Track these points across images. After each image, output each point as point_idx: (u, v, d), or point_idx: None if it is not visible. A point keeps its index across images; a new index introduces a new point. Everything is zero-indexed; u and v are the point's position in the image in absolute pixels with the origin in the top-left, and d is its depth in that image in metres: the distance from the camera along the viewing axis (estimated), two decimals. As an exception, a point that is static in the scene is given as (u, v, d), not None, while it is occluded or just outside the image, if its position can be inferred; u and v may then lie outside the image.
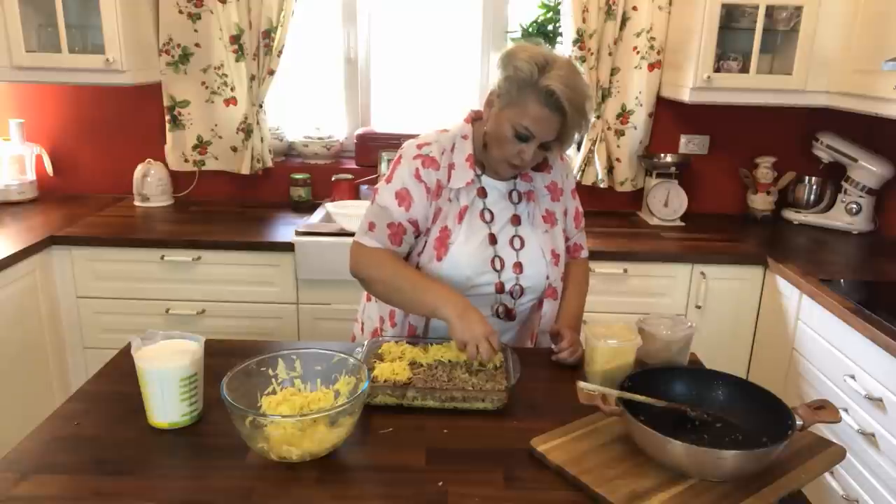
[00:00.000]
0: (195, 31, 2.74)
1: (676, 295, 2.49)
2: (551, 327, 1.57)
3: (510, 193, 1.55)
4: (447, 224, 1.49)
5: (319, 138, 2.97)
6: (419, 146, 1.51)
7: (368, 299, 1.70)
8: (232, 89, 2.80)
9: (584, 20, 2.66)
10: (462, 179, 1.49)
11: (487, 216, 1.52)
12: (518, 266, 1.53)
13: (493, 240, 1.52)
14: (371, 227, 1.49)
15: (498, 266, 1.52)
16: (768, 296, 2.43)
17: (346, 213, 2.38)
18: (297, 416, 1.13)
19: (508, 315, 1.56)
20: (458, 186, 1.49)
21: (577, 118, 1.38)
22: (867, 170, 2.67)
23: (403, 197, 1.48)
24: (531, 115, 1.37)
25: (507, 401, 1.28)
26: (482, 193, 1.52)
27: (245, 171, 2.83)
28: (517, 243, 1.54)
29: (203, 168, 2.90)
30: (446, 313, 1.34)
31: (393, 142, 2.75)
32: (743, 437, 1.16)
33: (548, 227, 1.57)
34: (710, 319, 2.48)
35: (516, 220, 1.54)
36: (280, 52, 2.71)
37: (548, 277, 1.57)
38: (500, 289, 1.53)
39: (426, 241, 1.51)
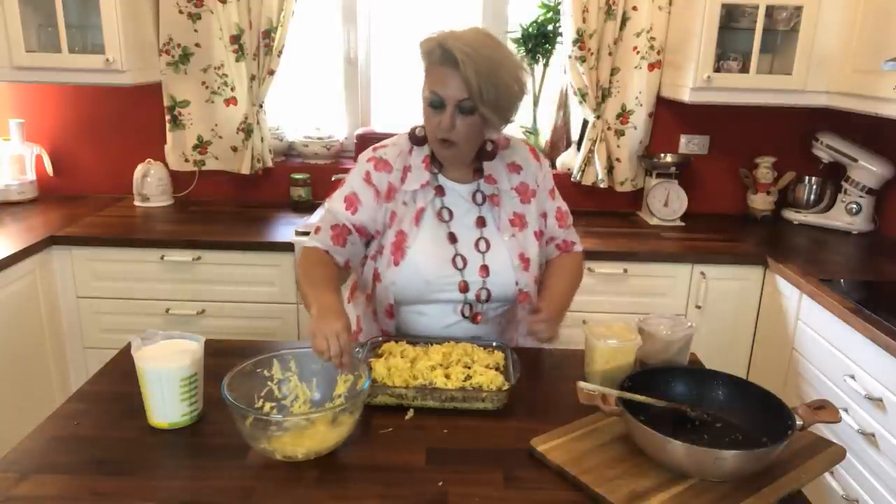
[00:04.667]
0: (195, 31, 2.74)
1: (676, 295, 2.49)
2: (533, 305, 1.50)
3: (473, 195, 1.53)
4: (403, 228, 1.49)
5: (319, 138, 2.97)
6: (375, 149, 1.53)
7: (349, 300, 1.70)
8: (232, 89, 2.80)
9: (584, 20, 2.66)
10: (416, 181, 1.49)
11: (446, 215, 1.51)
12: (485, 269, 1.50)
13: (452, 238, 1.50)
14: (317, 230, 1.50)
15: (460, 264, 1.49)
16: (768, 296, 2.43)
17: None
18: (300, 416, 1.13)
19: (473, 318, 1.52)
20: (413, 188, 1.49)
21: (478, 69, 1.32)
22: (867, 170, 2.67)
23: (351, 202, 1.49)
24: (434, 78, 1.39)
25: (507, 401, 1.28)
26: (440, 192, 1.51)
27: (245, 171, 2.83)
28: (483, 246, 1.51)
29: (203, 168, 2.90)
30: (312, 311, 1.26)
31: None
32: (743, 437, 1.16)
33: (515, 231, 1.53)
34: (710, 319, 2.48)
35: (481, 223, 1.52)
36: (280, 52, 2.71)
37: (517, 283, 1.52)
38: (464, 288, 1.49)
39: (383, 247, 1.50)
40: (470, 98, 1.36)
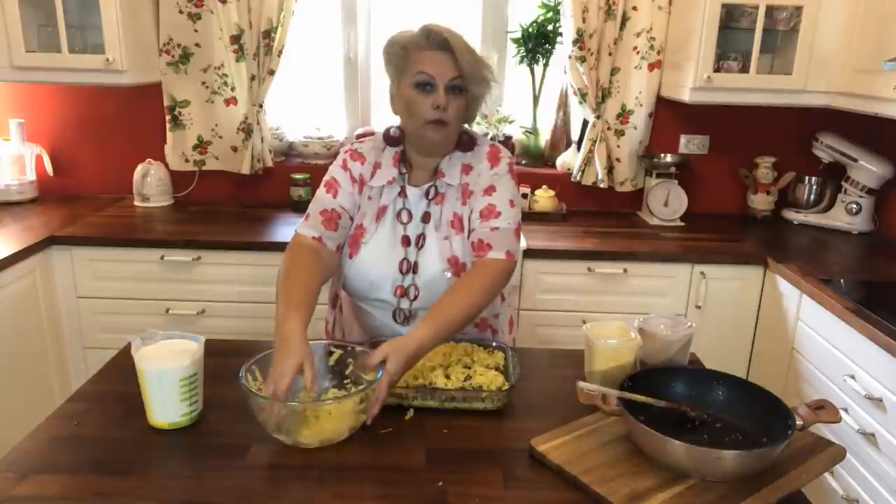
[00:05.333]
0: (195, 31, 2.74)
1: (676, 295, 2.49)
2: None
3: (427, 190, 1.52)
4: (363, 222, 1.52)
5: (319, 138, 2.97)
6: (352, 142, 1.59)
7: (332, 306, 1.72)
8: (232, 89, 2.80)
9: (584, 20, 2.66)
10: (383, 178, 1.52)
11: (405, 217, 1.52)
12: (415, 266, 1.50)
13: (405, 241, 1.51)
14: (307, 217, 1.52)
15: (405, 268, 1.50)
16: (768, 296, 2.43)
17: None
18: (317, 402, 1.16)
19: (406, 319, 1.53)
20: (380, 184, 1.52)
21: (465, 48, 1.40)
22: (867, 170, 2.67)
23: (331, 185, 1.54)
24: (422, 61, 1.42)
25: (506, 401, 1.28)
26: (403, 194, 1.52)
27: (245, 170, 2.83)
28: (421, 241, 1.51)
29: (203, 168, 2.90)
30: (275, 332, 1.24)
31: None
32: (743, 437, 1.16)
33: (452, 233, 1.50)
34: (710, 319, 2.48)
35: (426, 218, 1.52)
36: (280, 52, 2.71)
37: (445, 286, 1.46)
38: (403, 293, 1.50)
39: (346, 237, 1.53)
40: (461, 76, 1.41)
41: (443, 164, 1.52)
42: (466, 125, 1.54)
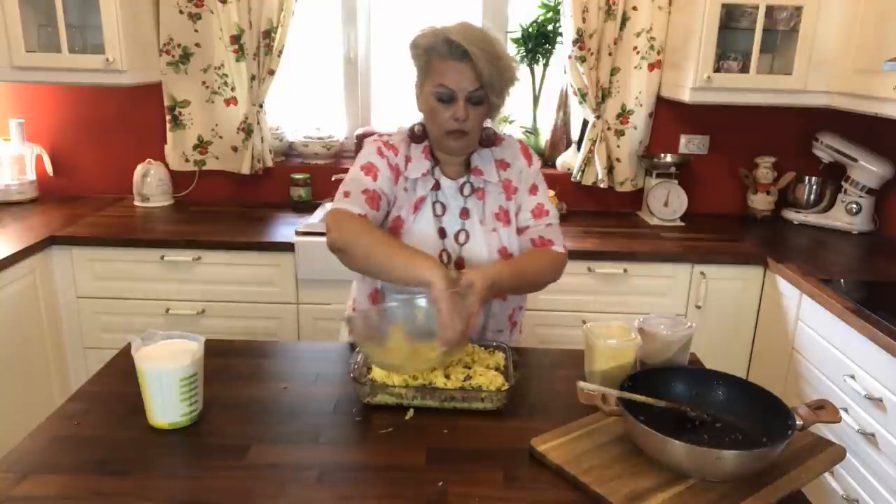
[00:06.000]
0: (195, 31, 2.74)
1: (676, 295, 2.49)
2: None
3: (462, 187, 1.55)
4: (401, 214, 1.52)
5: (319, 138, 2.97)
6: (379, 135, 1.57)
7: (373, 301, 1.70)
8: (232, 89, 2.80)
9: (584, 20, 2.66)
10: (419, 169, 1.52)
11: (439, 209, 1.54)
12: (461, 261, 1.52)
13: (442, 233, 1.53)
14: (346, 195, 1.47)
15: (445, 259, 1.52)
16: (768, 296, 2.43)
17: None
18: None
19: None
20: (415, 176, 1.52)
21: (488, 59, 1.38)
22: (867, 170, 2.67)
23: (370, 168, 1.51)
24: (442, 71, 1.42)
25: (506, 401, 1.28)
26: (436, 187, 1.54)
27: (245, 170, 2.83)
28: (462, 237, 1.53)
29: (203, 168, 2.90)
30: (434, 275, 1.26)
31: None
32: (743, 437, 1.16)
33: (499, 226, 1.55)
34: (710, 319, 2.48)
35: (464, 214, 1.54)
36: (280, 52, 2.71)
37: None
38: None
39: (382, 227, 1.52)
40: (482, 88, 1.42)
41: (475, 159, 1.55)
42: (494, 118, 1.56)
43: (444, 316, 1.24)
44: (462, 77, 1.41)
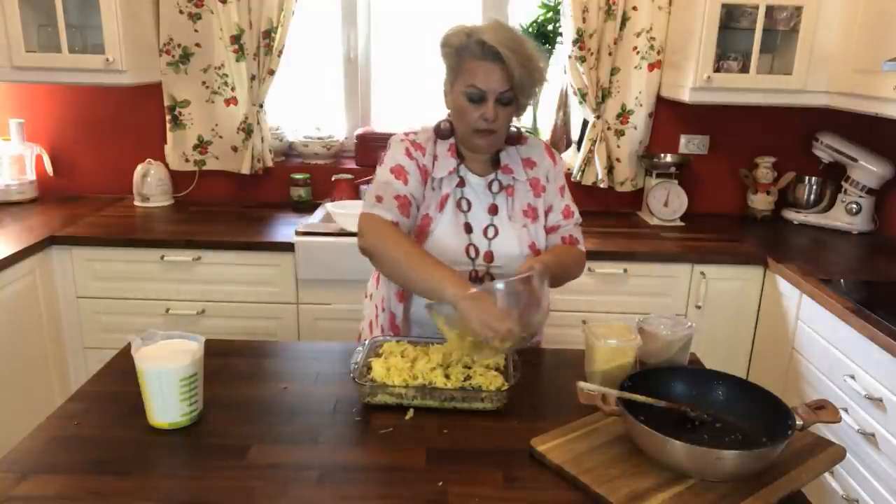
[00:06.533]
0: (195, 31, 2.74)
1: (676, 295, 2.49)
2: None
3: (490, 184, 1.57)
4: (429, 212, 1.53)
5: (319, 138, 2.97)
6: (406, 133, 1.58)
7: (367, 296, 1.71)
8: (232, 89, 2.80)
9: (584, 20, 2.66)
10: (445, 168, 1.54)
11: (465, 205, 1.55)
12: (489, 255, 1.54)
13: (468, 228, 1.54)
14: (379, 199, 1.47)
15: (472, 254, 1.53)
16: (768, 296, 2.43)
17: (346, 213, 2.38)
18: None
19: None
20: (441, 175, 1.53)
21: (519, 61, 1.40)
22: (867, 170, 2.67)
23: (399, 172, 1.51)
24: (473, 71, 1.43)
25: (506, 401, 1.28)
26: (461, 183, 1.55)
27: (245, 170, 2.83)
28: (490, 232, 1.55)
29: (203, 168, 2.90)
30: (456, 294, 1.27)
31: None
32: (743, 437, 1.16)
33: (528, 222, 1.57)
34: (710, 319, 2.48)
35: (493, 210, 1.56)
36: (280, 52, 2.71)
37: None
38: (475, 276, 1.53)
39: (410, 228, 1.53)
40: (512, 89, 1.44)
41: (504, 157, 1.58)
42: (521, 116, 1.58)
43: (475, 323, 1.23)
44: (493, 78, 1.42)
